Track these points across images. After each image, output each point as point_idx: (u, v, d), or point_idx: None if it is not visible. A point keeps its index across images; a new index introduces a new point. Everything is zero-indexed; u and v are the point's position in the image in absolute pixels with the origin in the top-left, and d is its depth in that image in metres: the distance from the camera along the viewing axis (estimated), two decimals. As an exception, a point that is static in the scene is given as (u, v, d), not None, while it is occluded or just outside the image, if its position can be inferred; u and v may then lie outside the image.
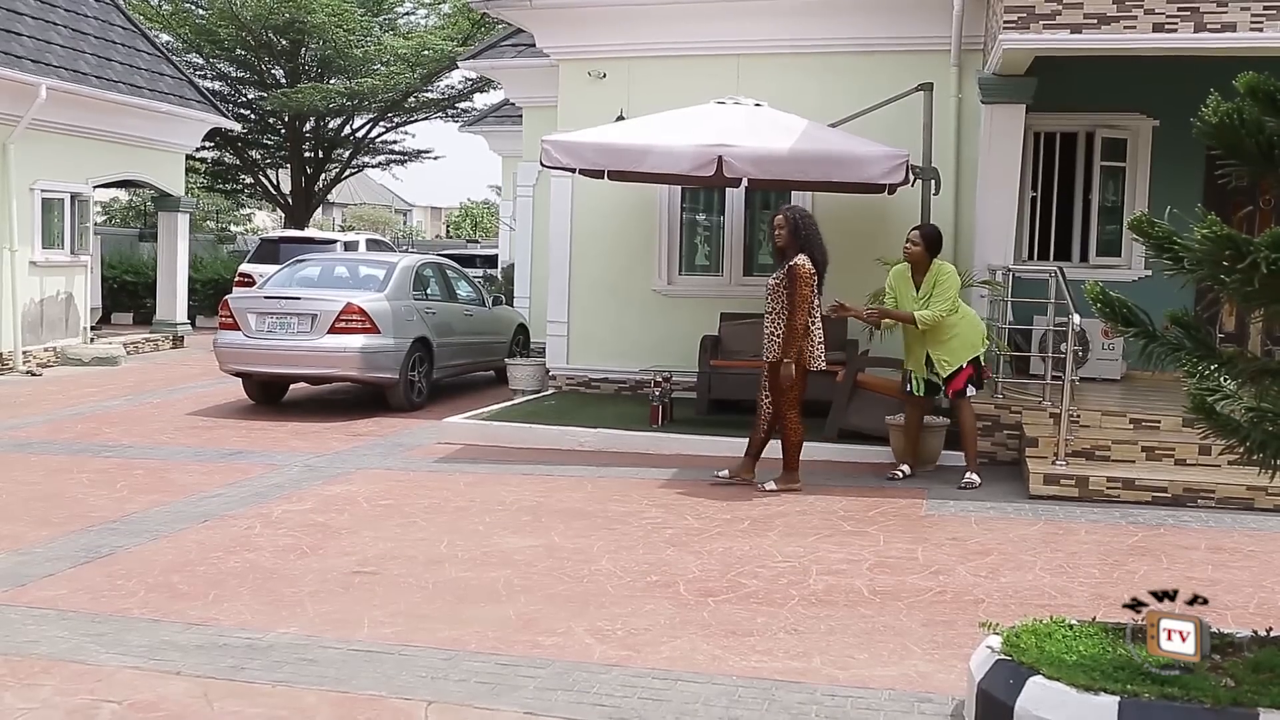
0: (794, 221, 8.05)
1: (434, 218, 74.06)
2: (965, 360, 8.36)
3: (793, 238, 8.03)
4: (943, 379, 8.41)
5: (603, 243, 12.11)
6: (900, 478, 8.58)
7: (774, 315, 8.06)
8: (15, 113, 14.17)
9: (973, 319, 8.52)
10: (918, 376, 8.53)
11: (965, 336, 8.37)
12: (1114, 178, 11.55)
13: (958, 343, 8.35)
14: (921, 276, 8.41)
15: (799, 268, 7.93)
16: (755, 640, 5.05)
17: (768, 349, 8.10)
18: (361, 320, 11.49)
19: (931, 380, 8.48)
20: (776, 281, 8.05)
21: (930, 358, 8.41)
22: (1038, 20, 8.73)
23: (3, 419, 11.04)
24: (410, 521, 7.18)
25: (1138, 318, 4.04)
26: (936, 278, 8.33)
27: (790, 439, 8.16)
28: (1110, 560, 6.47)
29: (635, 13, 11.74)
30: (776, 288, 8.03)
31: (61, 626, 5.10)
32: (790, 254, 8.03)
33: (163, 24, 28.14)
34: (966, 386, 8.39)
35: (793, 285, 7.91)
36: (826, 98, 11.02)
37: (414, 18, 32.50)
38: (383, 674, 4.58)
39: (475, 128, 20.93)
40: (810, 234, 8.08)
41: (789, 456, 8.17)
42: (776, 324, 8.02)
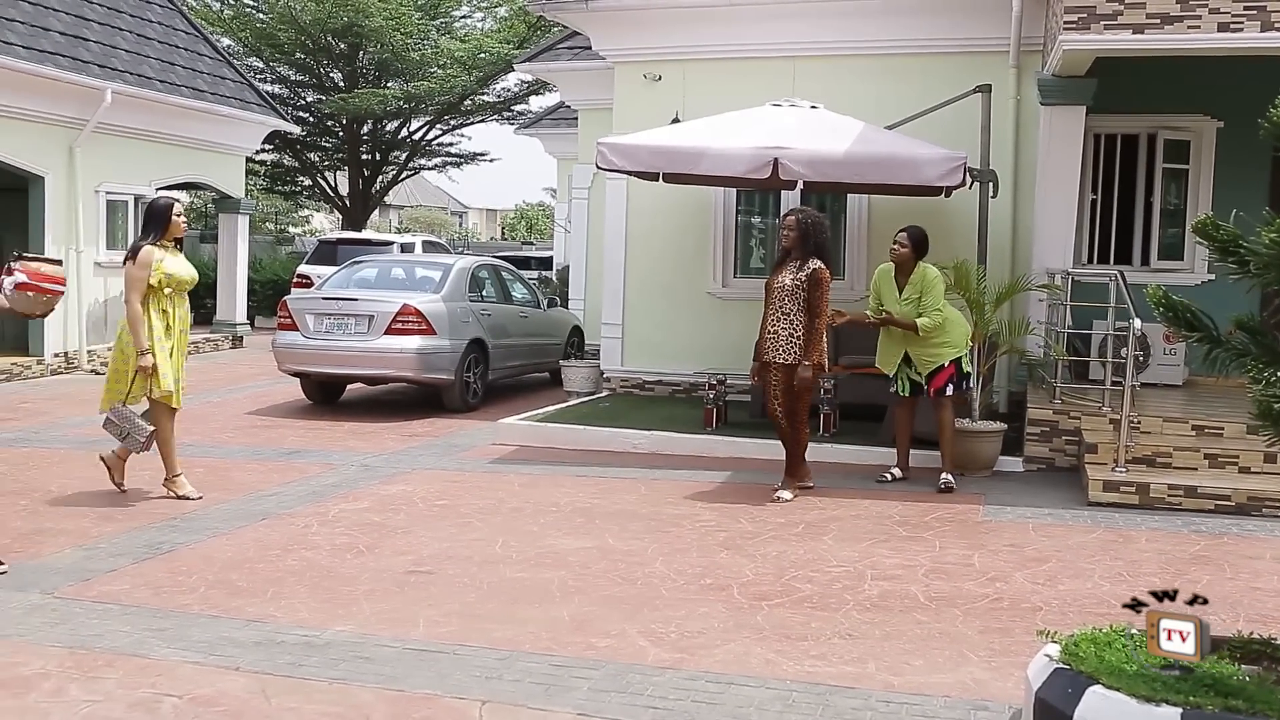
0: (804, 226, 7.94)
1: (489, 220, 74.53)
2: (947, 359, 8.38)
3: (801, 241, 7.92)
4: (924, 376, 8.39)
5: (657, 245, 12.12)
6: (890, 480, 8.55)
7: (788, 317, 7.88)
8: (82, 116, 14.44)
9: (957, 319, 8.52)
10: (902, 377, 8.50)
11: (949, 337, 8.39)
12: (1176, 180, 11.38)
13: (946, 341, 8.37)
14: (905, 279, 8.40)
15: (822, 272, 7.87)
16: (809, 645, 5.03)
17: (783, 351, 7.88)
18: (418, 321, 11.58)
19: (914, 380, 8.46)
20: (795, 283, 7.86)
21: (910, 356, 8.42)
22: (1099, 20, 8.61)
23: (68, 416, 11.26)
24: (465, 522, 7.23)
25: (1202, 322, 3.97)
26: (923, 282, 8.33)
27: (804, 442, 8.09)
28: (1172, 569, 6.37)
29: (691, 15, 11.74)
30: (794, 290, 7.86)
31: (124, 621, 5.18)
32: (796, 255, 7.95)
33: (224, 28, 28.57)
34: (946, 385, 8.40)
35: (816, 290, 7.83)
36: (883, 100, 10.96)
37: (470, 21, 32.75)
38: (437, 673, 4.61)
39: (531, 130, 21.02)
40: (821, 240, 8.01)
41: (794, 461, 8.08)
42: (792, 325, 7.86)
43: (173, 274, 7.51)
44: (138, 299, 7.39)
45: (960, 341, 8.46)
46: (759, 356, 8.10)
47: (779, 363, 7.91)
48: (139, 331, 7.39)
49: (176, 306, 7.62)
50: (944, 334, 8.38)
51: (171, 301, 7.58)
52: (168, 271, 7.48)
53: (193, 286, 7.74)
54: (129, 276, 7.47)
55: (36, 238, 14.29)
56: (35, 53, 13.71)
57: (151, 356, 7.39)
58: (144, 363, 7.38)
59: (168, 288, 7.50)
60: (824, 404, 9.82)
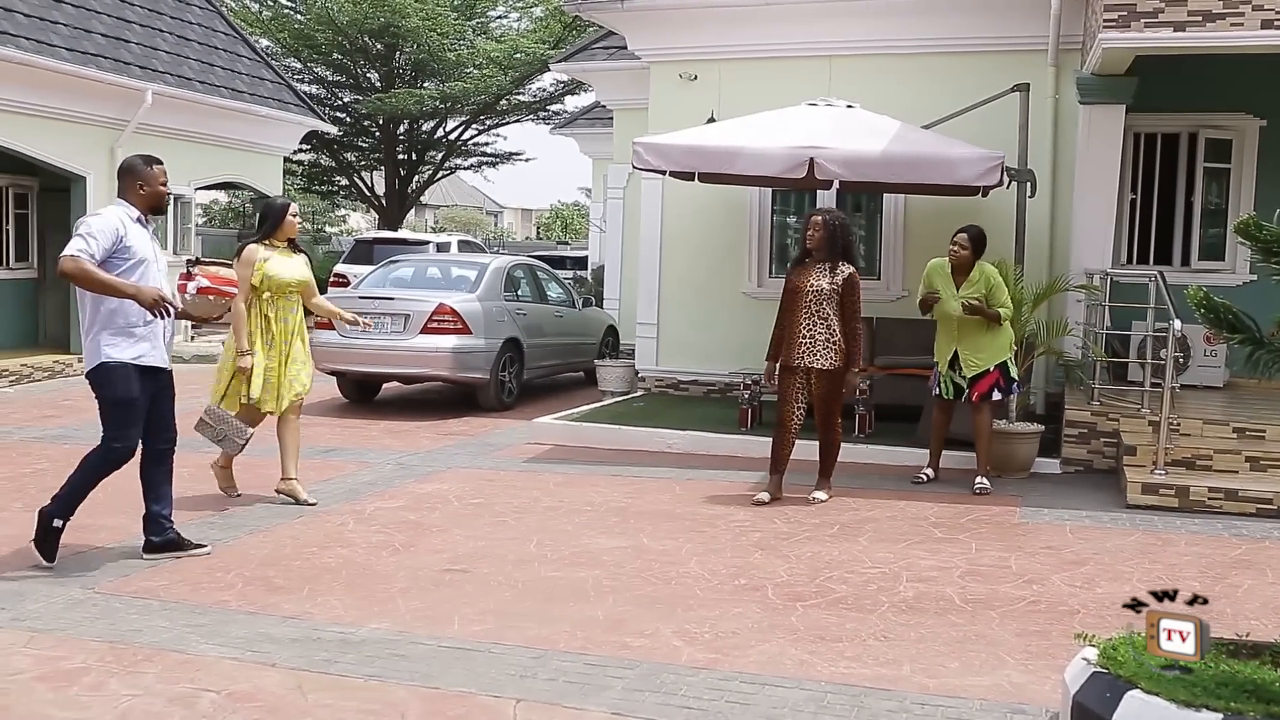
0: (831, 227, 7.78)
1: (524, 219, 74.75)
2: (994, 364, 8.31)
3: (828, 242, 7.76)
4: (968, 380, 8.34)
5: (692, 245, 12.11)
6: (925, 480, 8.52)
7: (826, 321, 7.71)
8: (124, 117, 14.61)
9: (1008, 324, 8.48)
10: (946, 380, 8.44)
11: (1000, 340, 8.35)
12: (1218, 179, 11.26)
13: (992, 345, 8.32)
14: (963, 278, 8.36)
15: (857, 275, 7.80)
16: (844, 646, 5.01)
17: (821, 356, 7.70)
18: (453, 321, 11.62)
19: (958, 383, 8.40)
20: (831, 287, 7.70)
21: (959, 357, 8.34)
22: (1139, 18, 8.53)
23: (108, 414, 11.37)
24: (500, 520, 7.25)
25: (1243, 323, 3.93)
26: (989, 278, 8.30)
27: (838, 447, 8.02)
28: (1212, 573, 6.30)
29: (727, 14, 11.72)
30: (831, 294, 7.70)
31: (163, 616, 5.24)
32: (821, 257, 7.79)
33: (262, 29, 28.81)
34: (991, 391, 8.33)
35: (853, 294, 7.74)
36: (920, 99, 10.90)
37: (506, 21, 32.87)
38: (472, 671, 4.63)
39: (566, 130, 21.07)
40: (848, 242, 7.90)
41: (833, 464, 8.02)
42: (830, 330, 7.70)
43: (272, 275, 7.28)
44: (240, 299, 7.09)
45: (1008, 346, 8.42)
46: (785, 360, 7.87)
47: (818, 368, 7.74)
48: (240, 331, 7.22)
49: (282, 310, 7.37)
50: (998, 337, 8.33)
51: (274, 305, 7.33)
52: (268, 273, 7.27)
53: (298, 290, 7.44)
54: (235, 275, 7.14)
55: (78, 237, 14.46)
56: (78, 54, 13.88)
57: (250, 359, 7.24)
58: (243, 364, 7.23)
59: (266, 290, 7.29)
60: (860, 405, 9.78)
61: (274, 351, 7.37)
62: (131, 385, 5.92)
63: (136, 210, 5.97)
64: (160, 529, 6.22)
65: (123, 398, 5.92)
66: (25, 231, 15.19)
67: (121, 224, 5.84)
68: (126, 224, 5.87)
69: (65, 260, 5.65)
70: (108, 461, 6.02)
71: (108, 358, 5.84)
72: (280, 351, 7.40)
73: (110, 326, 5.85)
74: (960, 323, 8.32)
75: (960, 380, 8.39)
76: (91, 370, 5.92)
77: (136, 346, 5.91)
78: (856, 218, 12.21)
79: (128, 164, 6.11)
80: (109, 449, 5.99)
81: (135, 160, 6.12)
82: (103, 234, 5.72)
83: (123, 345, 5.87)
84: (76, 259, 5.63)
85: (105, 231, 5.73)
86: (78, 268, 5.65)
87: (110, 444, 5.98)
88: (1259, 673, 3.48)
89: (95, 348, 5.87)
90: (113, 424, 5.97)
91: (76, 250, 5.65)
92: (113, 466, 6.06)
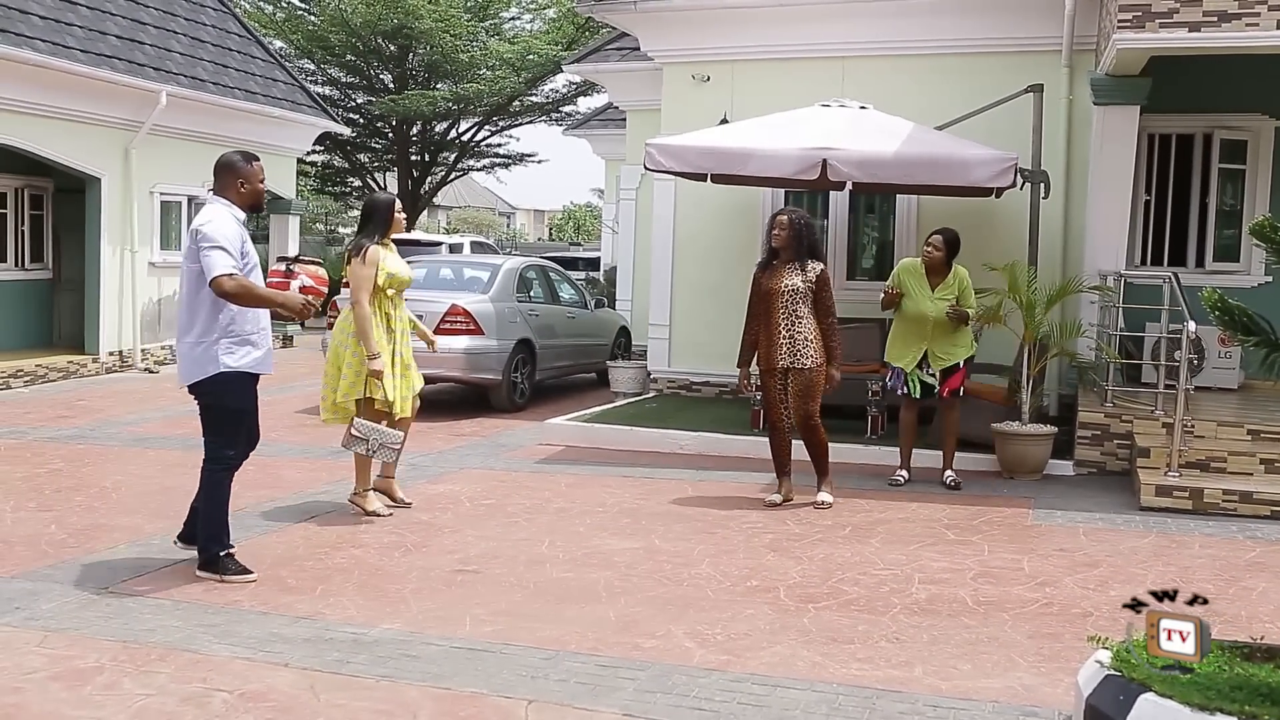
0: (797, 226, 7.72)
1: (537, 220, 74.80)
2: (962, 358, 8.47)
3: (794, 241, 7.69)
4: (939, 375, 8.43)
5: (705, 246, 12.11)
6: (902, 482, 8.53)
7: (802, 320, 7.62)
8: (138, 118, 14.65)
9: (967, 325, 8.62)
10: (913, 378, 8.49)
11: (966, 337, 8.56)
12: (1233, 180, 11.21)
13: (961, 341, 8.49)
14: (938, 279, 8.44)
15: (827, 272, 7.80)
16: (856, 648, 5.00)
17: (800, 355, 7.61)
18: (466, 321, 11.64)
19: (925, 381, 8.47)
20: (805, 285, 7.63)
21: (929, 354, 8.43)
22: (1154, 19, 8.50)
23: (122, 414, 11.42)
24: (512, 521, 7.26)
25: (1258, 325, 3.92)
26: (964, 284, 8.45)
27: (826, 445, 7.90)
28: (1226, 576, 6.28)
29: (739, 15, 11.71)
30: (805, 292, 7.63)
31: (176, 616, 5.25)
32: (789, 256, 7.71)
33: (276, 31, 28.87)
34: (960, 387, 8.52)
35: (826, 290, 7.71)
36: (933, 100, 10.88)
37: (519, 22, 32.88)
38: (484, 671, 4.63)
39: (578, 131, 21.06)
40: (814, 240, 7.85)
41: (826, 463, 7.91)
42: (807, 329, 7.62)
43: (395, 273, 7.10)
44: (367, 299, 6.94)
45: (971, 343, 8.62)
46: (767, 363, 7.75)
47: (799, 367, 7.64)
48: (369, 334, 6.94)
49: (397, 308, 7.22)
50: (964, 335, 8.52)
51: (393, 303, 7.17)
52: (390, 271, 7.07)
53: (409, 287, 7.31)
54: (356, 276, 7.01)
55: (93, 238, 14.54)
56: (93, 56, 13.93)
57: (382, 361, 6.97)
58: (376, 367, 6.94)
59: (390, 288, 7.10)
60: (872, 406, 9.76)
61: (398, 349, 7.19)
62: (248, 393, 5.90)
63: (237, 208, 5.86)
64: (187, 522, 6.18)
65: (240, 406, 5.87)
66: (40, 233, 15.25)
67: (239, 226, 5.76)
68: (239, 225, 5.78)
69: (224, 281, 5.52)
70: (224, 470, 5.90)
71: (226, 366, 5.71)
72: (401, 351, 7.21)
73: (230, 335, 5.73)
74: (935, 324, 8.39)
75: (929, 378, 8.46)
76: (206, 379, 5.73)
77: (254, 354, 5.84)
78: (869, 219, 12.22)
79: (226, 160, 5.91)
80: (221, 457, 5.86)
81: (234, 157, 5.94)
82: (231, 242, 5.62)
83: (240, 353, 5.77)
84: (234, 277, 5.55)
85: (232, 238, 5.64)
86: (239, 286, 5.57)
87: (222, 452, 5.86)
88: (1274, 676, 3.46)
89: (210, 356, 5.71)
90: (224, 432, 5.86)
91: (229, 268, 5.54)
92: (230, 474, 5.94)
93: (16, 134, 13.18)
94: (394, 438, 7.09)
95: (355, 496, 7.32)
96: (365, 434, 7.01)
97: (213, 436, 5.88)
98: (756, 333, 7.85)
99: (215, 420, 5.86)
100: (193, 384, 5.80)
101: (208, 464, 5.89)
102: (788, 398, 7.77)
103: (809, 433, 7.81)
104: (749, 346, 7.92)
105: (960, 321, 8.41)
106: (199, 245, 5.61)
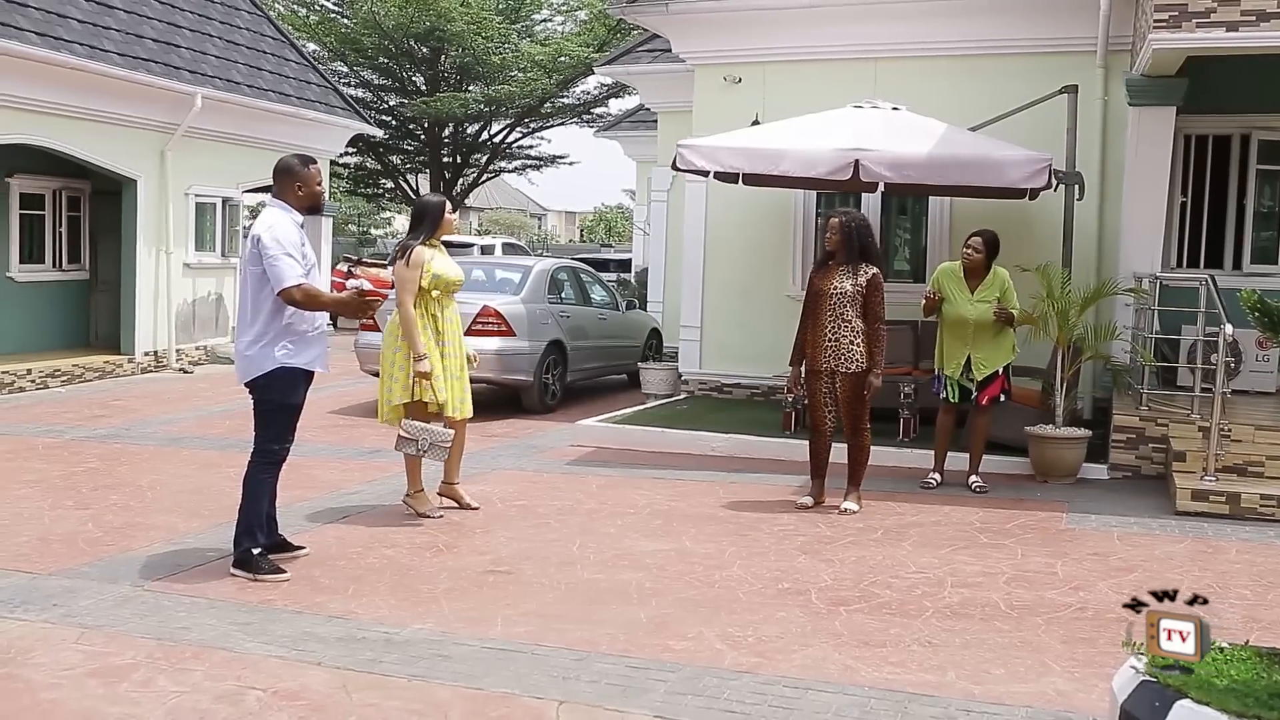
0: (849, 229, 7.63)
1: (568, 222, 74.94)
2: (1001, 365, 8.39)
3: (845, 244, 7.62)
4: (977, 382, 8.35)
5: (736, 247, 12.09)
6: (934, 485, 8.49)
7: (850, 324, 7.55)
8: (174, 121, 14.79)
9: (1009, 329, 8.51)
10: (952, 382, 8.43)
11: (1007, 343, 8.45)
12: (1271, 182, 11.08)
13: (1002, 348, 8.40)
14: (977, 281, 8.39)
15: (880, 277, 7.68)
16: (888, 651, 4.98)
17: (845, 359, 7.56)
18: (498, 323, 11.67)
19: (964, 385, 8.41)
20: (855, 289, 7.56)
21: (971, 360, 8.35)
22: (1190, 19, 8.42)
23: (157, 414, 11.52)
24: (543, 522, 7.27)
25: (1298, 328, 3.88)
26: (1005, 285, 8.38)
27: (868, 452, 7.86)
28: (1264, 582, 6.21)
29: (771, 17, 11.69)
30: (855, 296, 7.56)
31: (211, 615, 5.29)
32: (842, 259, 7.65)
33: (309, 34, 29.07)
34: (1000, 395, 8.43)
35: (876, 295, 7.61)
36: (966, 101, 10.82)
37: (551, 24, 33.00)
38: (515, 672, 4.64)
39: (610, 133, 21.09)
40: (867, 243, 7.71)
41: (862, 471, 7.86)
42: (855, 332, 7.56)
43: (440, 275, 7.03)
44: (410, 300, 6.93)
45: (1012, 349, 8.52)
46: (812, 364, 7.72)
47: (844, 371, 7.61)
48: (414, 335, 6.90)
49: (445, 309, 7.15)
50: (1006, 340, 8.42)
51: (440, 304, 7.10)
52: (436, 272, 7.00)
53: (459, 288, 7.25)
54: (399, 277, 7.01)
55: (129, 240, 14.68)
56: (130, 59, 14.07)
57: (429, 363, 6.93)
58: (422, 368, 6.89)
59: (436, 289, 7.04)
60: (904, 409, 9.71)
61: (448, 350, 7.16)
62: (300, 390, 6.02)
63: (296, 212, 5.97)
64: (270, 531, 6.22)
65: (291, 403, 6.00)
66: (77, 234, 15.40)
67: (298, 229, 5.87)
68: (298, 228, 5.89)
69: (294, 292, 5.68)
70: (270, 464, 6.03)
71: (282, 364, 5.85)
72: (453, 351, 7.19)
73: (288, 334, 5.85)
74: (976, 327, 8.31)
75: (968, 384, 8.39)
76: (262, 376, 5.87)
77: (309, 352, 5.97)
78: (901, 220, 12.16)
79: (285, 164, 6.00)
80: (269, 452, 6.00)
81: (292, 160, 6.02)
82: (294, 247, 5.76)
83: (296, 351, 5.89)
84: (302, 287, 5.72)
85: (294, 244, 5.77)
86: (305, 295, 5.73)
87: (270, 446, 6.00)
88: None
89: (267, 354, 5.83)
90: (275, 427, 5.99)
91: (298, 277, 5.70)
92: (276, 469, 6.08)
93: (55, 136, 13.32)
94: (444, 437, 7.04)
95: (408, 498, 7.34)
96: (414, 434, 7.01)
97: (262, 431, 6.02)
98: (808, 333, 7.82)
99: (267, 415, 6.00)
100: (249, 380, 5.94)
101: (255, 457, 6.02)
102: (832, 401, 7.75)
103: (853, 436, 7.78)
104: (800, 347, 7.89)
105: (1005, 322, 8.33)
106: (263, 252, 5.73)
